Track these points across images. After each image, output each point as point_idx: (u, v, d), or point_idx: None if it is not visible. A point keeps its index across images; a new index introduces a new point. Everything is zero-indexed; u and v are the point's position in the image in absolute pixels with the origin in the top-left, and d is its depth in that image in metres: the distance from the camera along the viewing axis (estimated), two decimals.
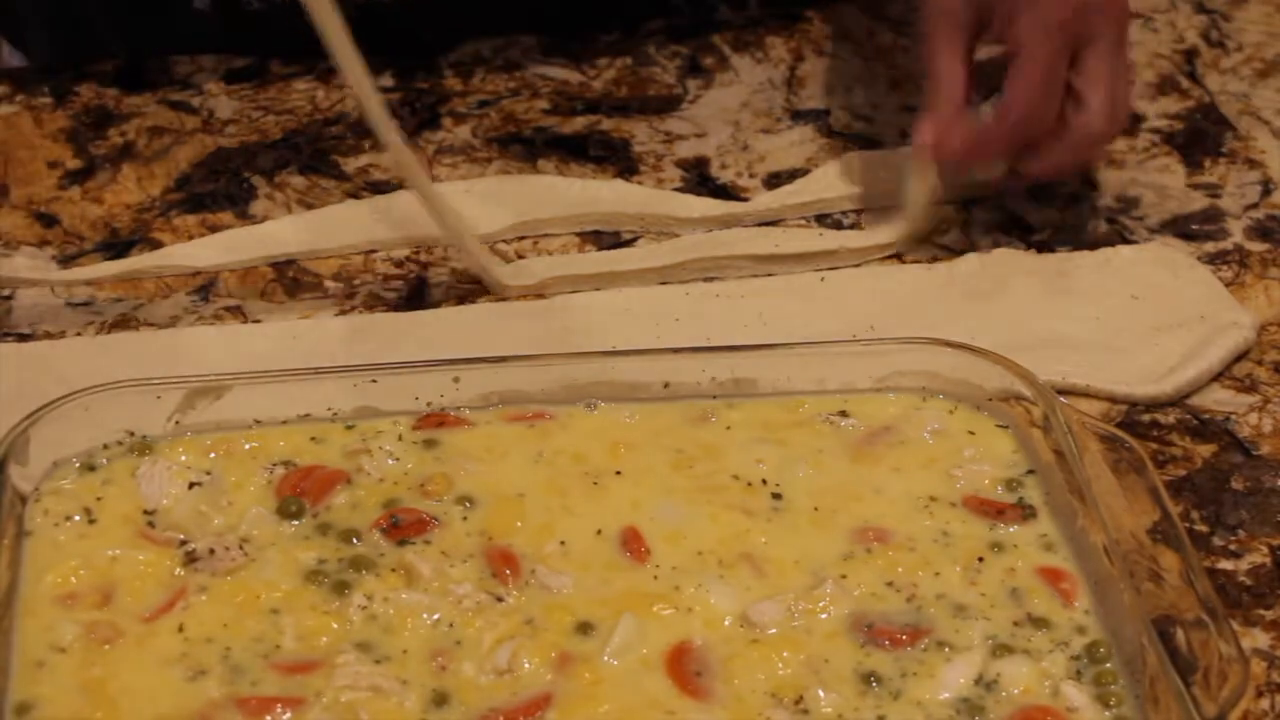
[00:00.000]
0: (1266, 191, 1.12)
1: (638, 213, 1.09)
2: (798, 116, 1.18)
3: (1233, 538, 0.89)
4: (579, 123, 1.17)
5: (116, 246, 1.06)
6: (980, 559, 0.83)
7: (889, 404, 0.91)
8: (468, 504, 0.85)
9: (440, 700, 0.76)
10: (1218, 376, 0.98)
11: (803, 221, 1.09)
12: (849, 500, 0.86)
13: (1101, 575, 0.82)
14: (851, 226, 1.09)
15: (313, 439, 0.87)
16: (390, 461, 0.86)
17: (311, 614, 0.79)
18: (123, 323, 1.00)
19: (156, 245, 1.06)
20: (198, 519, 0.83)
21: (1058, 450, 0.86)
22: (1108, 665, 0.78)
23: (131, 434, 0.87)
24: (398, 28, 1.18)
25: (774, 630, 0.79)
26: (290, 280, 1.04)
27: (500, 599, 0.80)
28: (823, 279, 1.04)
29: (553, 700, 0.76)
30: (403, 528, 0.83)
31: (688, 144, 1.15)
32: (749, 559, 0.82)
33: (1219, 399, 0.97)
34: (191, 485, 0.85)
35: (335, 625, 0.79)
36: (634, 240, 1.07)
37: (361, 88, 0.95)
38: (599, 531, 0.84)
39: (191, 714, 0.75)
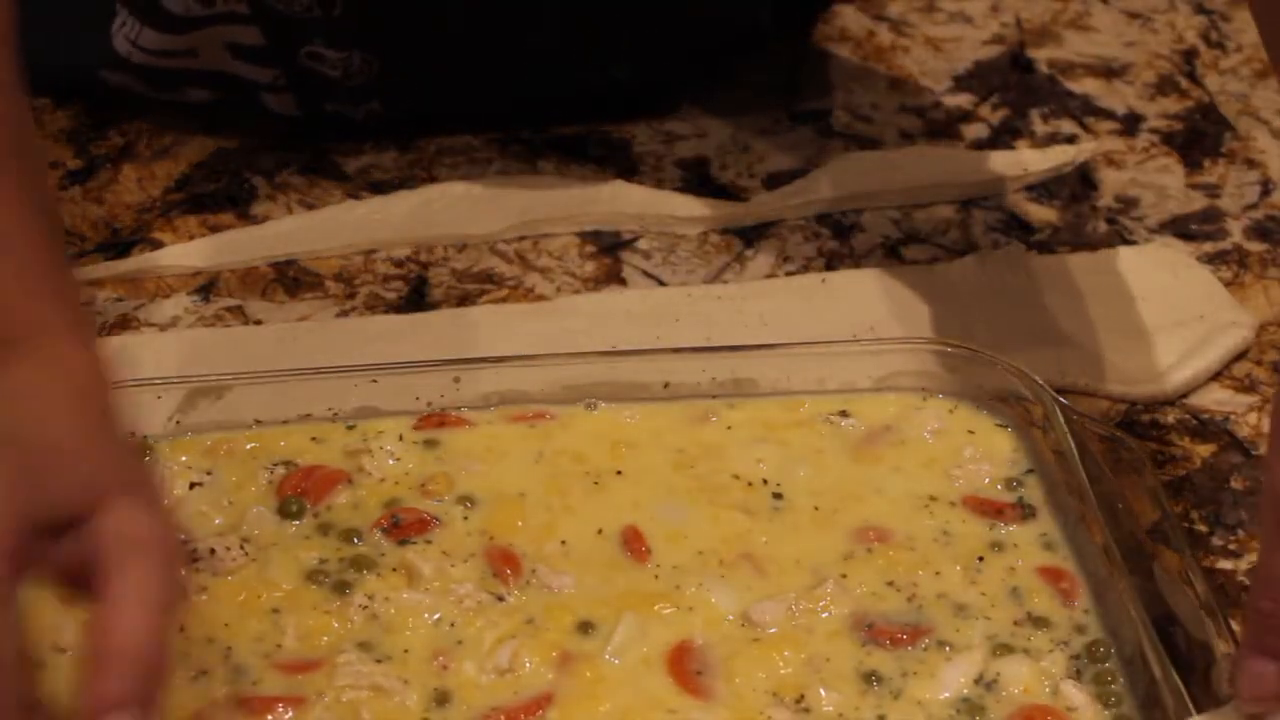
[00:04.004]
0: (1266, 191, 1.13)
1: (638, 213, 1.09)
2: (798, 117, 1.18)
3: (1232, 537, 0.89)
4: (579, 123, 1.17)
5: (117, 246, 1.06)
6: (980, 558, 0.83)
7: (889, 404, 0.91)
8: (468, 504, 0.85)
9: (442, 699, 0.76)
10: (1217, 376, 0.98)
11: (804, 221, 1.09)
12: (849, 500, 0.86)
13: (1101, 575, 0.82)
14: (851, 227, 1.09)
15: (313, 439, 0.88)
16: (391, 461, 0.86)
17: (313, 614, 0.79)
18: (123, 323, 1.00)
19: (157, 245, 1.06)
20: (199, 519, 0.83)
21: (1058, 450, 0.86)
22: (1107, 665, 0.78)
23: (132, 434, 0.86)
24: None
25: (775, 629, 0.79)
26: (290, 280, 1.04)
27: (501, 598, 0.80)
28: (823, 279, 1.04)
29: (554, 699, 0.76)
30: (404, 527, 0.83)
31: (688, 144, 1.15)
32: (750, 558, 0.82)
33: (1219, 399, 0.97)
34: (192, 485, 0.85)
35: (336, 625, 0.79)
36: (634, 240, 1.08)
37: None
38: (600, 531, 0.84)
39: (193, 714, 0.75)
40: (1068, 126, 1.18)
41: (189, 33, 1.09)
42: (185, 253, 1.05)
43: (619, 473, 0.87)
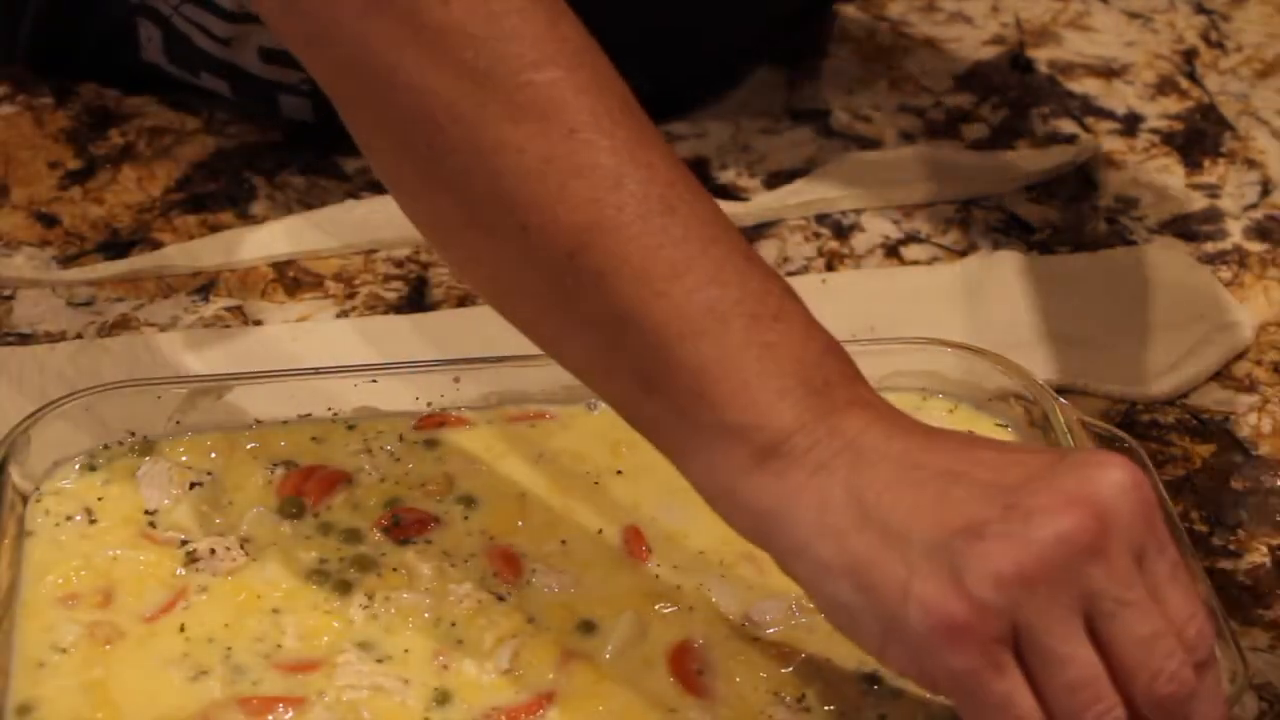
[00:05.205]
0: (1266, 191, 1.13)
1: None
2: (798, 116, 1.18)
3: (1232, 538, 0.89)
4: None
5: (117, 246, 1.06)
6: None
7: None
8: (469, 504, 0.85)
9: (443, 699, 0.76)
10: (1216, 376, 0.98)
11: (804, 221, 1.09)
12: None
13: None
14: (851, 227, 1.09)
15: (314, 439, 0.87)
16: (391, 461, 0.86)
17: (313, 613, 0.79)
18: (123, 323, 1.00)
19: (156, 245, 1.06)
20: (199, 519, 0.83)
21: None
22: None
23: (132, 434, 0.87)
24: None
25: (776, 629, 0.79)
26: (290, 280, 1.04)
27: (502, 598, 0.80)
28: (824, 280, 1.04)
29: (555, 699, 0.76)
30: (404, 527, 0.83)
31: (688, 144, 1.15)
32: (750, 558, 0.82)
33: (1218, 399, 0.97)
34: (192, 485, 0.85)
35: (337, 624, 0.79)
36: None
37: None
38: (600, 531, 0.84)
39: (193, 714, 0.75)
40: (1068, 126, 1.18)
41: (233, 24, 1.09)
42: (185, 253, 1.05)
43: (619, 473, 0.87)
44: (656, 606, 0.80)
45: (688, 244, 0.70)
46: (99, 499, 0.84)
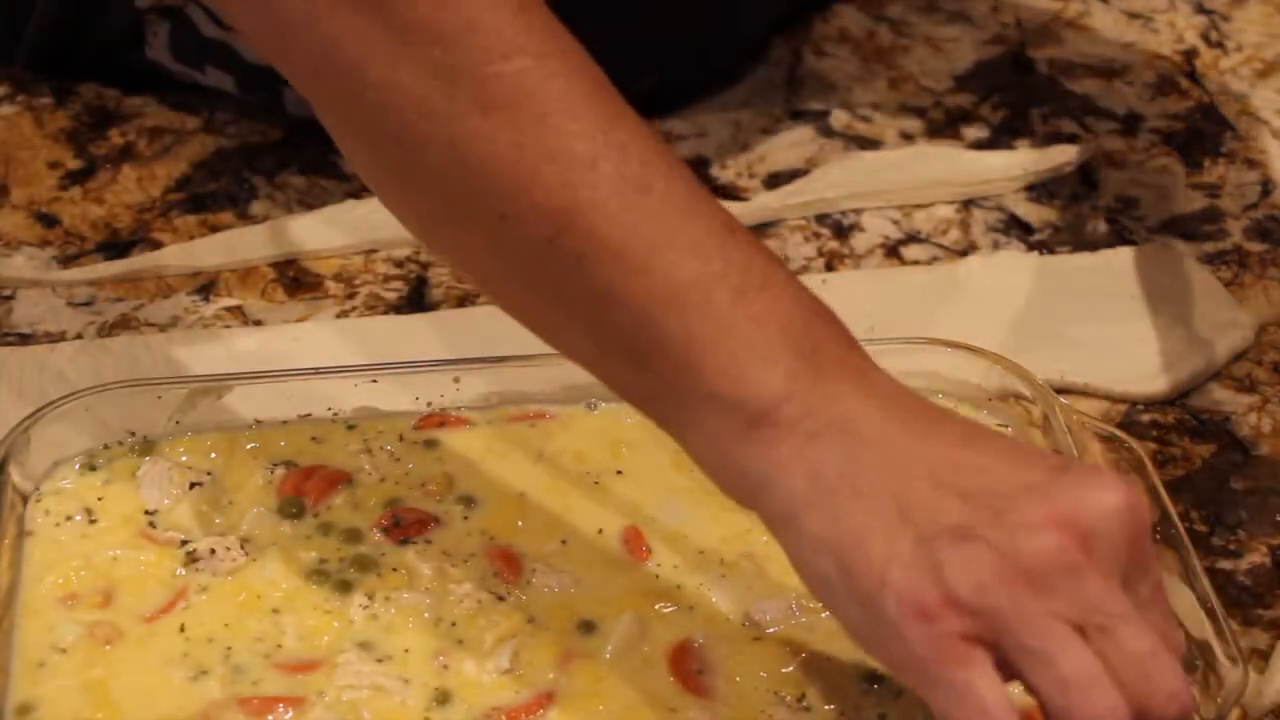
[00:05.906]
0: (1266, 192, 1.13)
1: None
2: (798, 116, 1.18)
3: (1232, 537, 0.89)
4: None
5: (117, 246, 1.06)
6: None
7: None
8: (469, 504, 0.85)
9: (443, 699, 0.76)
10: (1216, 376, 0.98)
11: (804, 221, 1.09)
12: None
13: None
14: (851, 227, 1.09)
15: (314, 439, 0.87)
16: (391, 461, 0.86)
17: (313, 613, 0.79)
18: (123, 323, 1.00)
19: (156, 245, 1.06)
20: (199, 519, 0.83)
21: (1057, 450, 0.86)
22: None
23: (132, 434, 0.87)
24: None
25: (776, 628, 0.79)
26: (290, 280, 1.04)
27: (502, 598, 0.80)
28: (823, 280, 1.04)
29: (555, 698, 0.76)
30: (404, 527, 0.83)
31: (688, 144, 1.15)
32: (750, 557, 0.82)
33: (1218, 399, 0.97)
34: (192, 485, 0.85)
35: (337, 624, 0.79)
36: None
37: None
38: (600, 531, 0.84)
39: (193, 714, 0.75)
40: (1068, 126, 1.18)
41: None
42: (185, 253, 1.05)
43: (619, 472, 0.87)
44: (656, 606, 0.80)
45: (666, 220, 0.70)
46: (99, 499, 0.84)
